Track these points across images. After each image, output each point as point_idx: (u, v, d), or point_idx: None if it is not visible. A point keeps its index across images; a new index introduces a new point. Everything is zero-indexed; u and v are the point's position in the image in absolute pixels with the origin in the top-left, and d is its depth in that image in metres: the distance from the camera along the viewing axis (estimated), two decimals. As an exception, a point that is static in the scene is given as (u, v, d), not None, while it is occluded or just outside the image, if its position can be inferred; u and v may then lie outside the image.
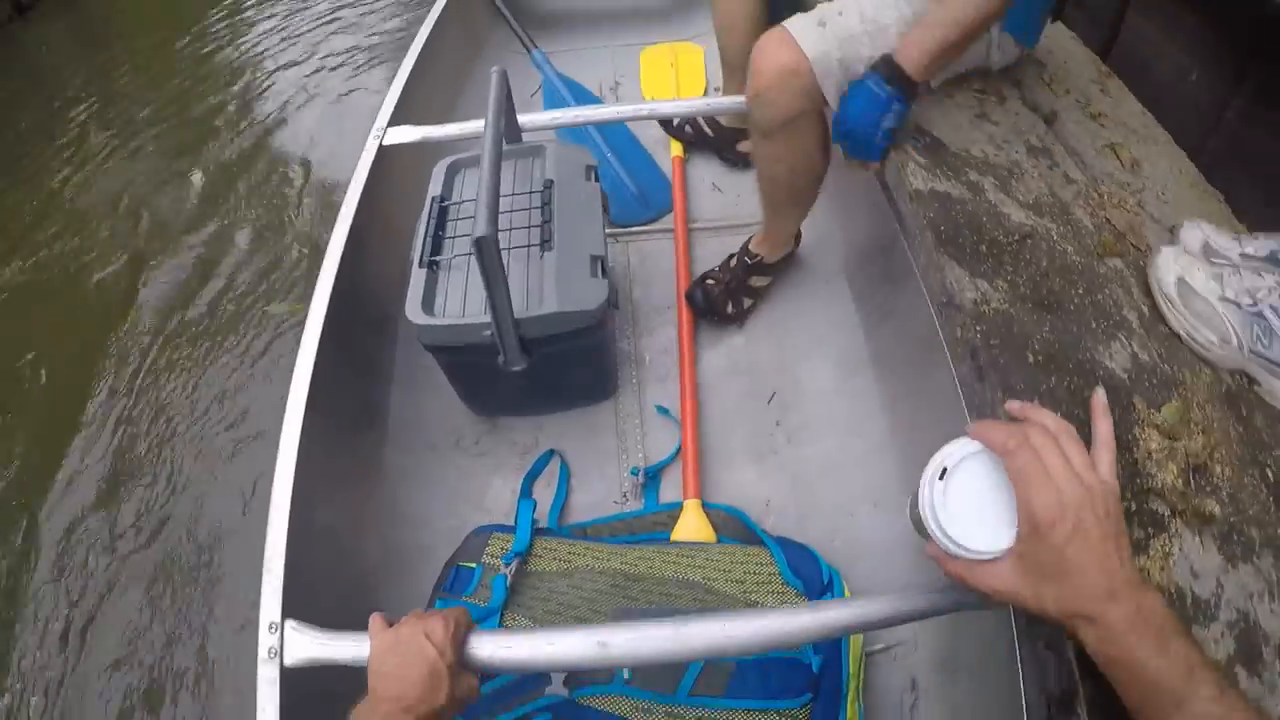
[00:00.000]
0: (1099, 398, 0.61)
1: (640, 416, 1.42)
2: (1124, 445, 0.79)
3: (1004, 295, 0.89)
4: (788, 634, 0.72)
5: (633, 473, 1.32)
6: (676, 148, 1.83)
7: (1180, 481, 0.77)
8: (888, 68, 1.02)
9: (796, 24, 1.14)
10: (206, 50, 3.57)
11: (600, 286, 1.17)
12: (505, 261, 1.15)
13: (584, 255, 1.20)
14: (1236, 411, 0.89)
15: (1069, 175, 1.12)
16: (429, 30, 1.90)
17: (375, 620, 0.70)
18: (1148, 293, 0.97)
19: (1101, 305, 0.92)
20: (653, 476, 1.31)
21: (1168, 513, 0.75)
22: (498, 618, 1.06)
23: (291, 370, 1.09)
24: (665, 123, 1.85)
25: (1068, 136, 1.22)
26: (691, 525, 1.21)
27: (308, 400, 1.05)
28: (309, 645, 0.78)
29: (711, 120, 1.80)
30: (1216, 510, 0.76)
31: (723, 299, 1.47)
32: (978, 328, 0.84)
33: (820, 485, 1.30)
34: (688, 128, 1.82)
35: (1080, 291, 0.93)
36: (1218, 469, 0.82)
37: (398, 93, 1.62)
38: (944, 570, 0.59)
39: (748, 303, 1.50)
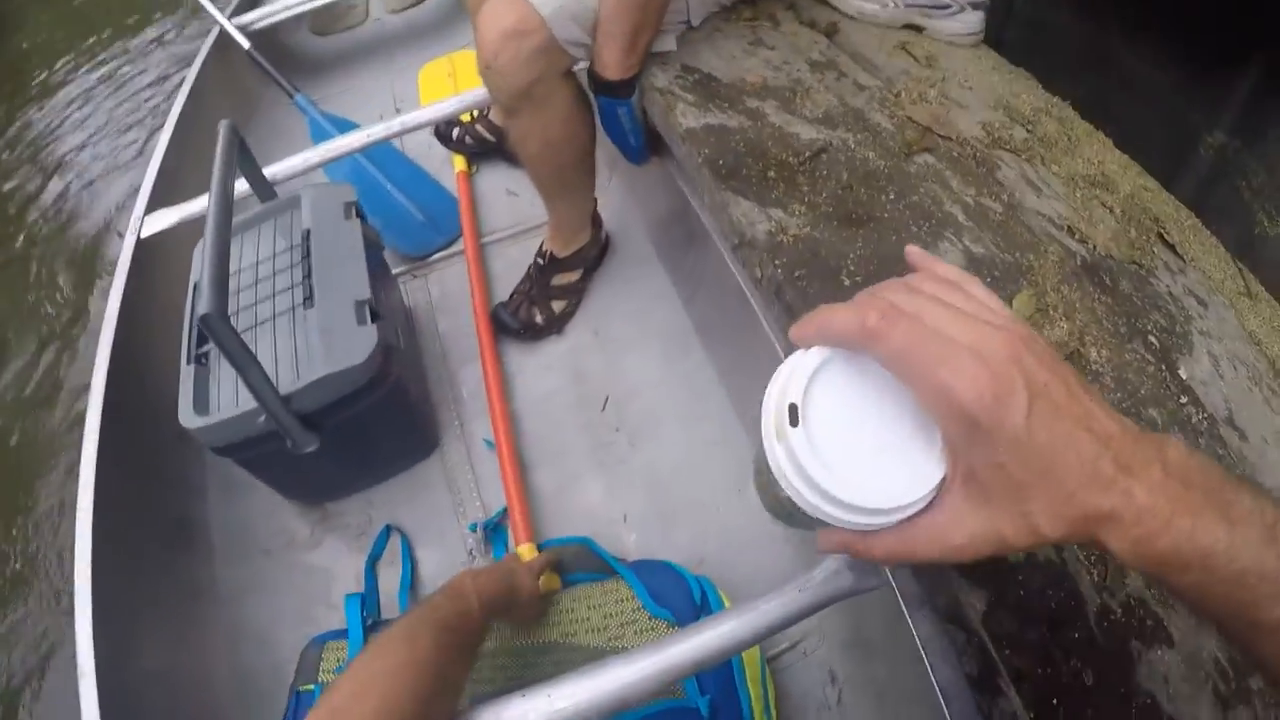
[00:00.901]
0: (913, 250, 0.40)
1: (470, 462, 1.23)
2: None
3: (803, 219, 0.73)
4: (659, 677, 0.53)
5: (470, 529, 1.13)
6: (460, 162, 1.66)
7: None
8: (593, 81, 0.98)
9: None
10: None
11: (368, 334, 0.97)
12: (271, 330, 1.00)
13: (348, 304, 1.00)
14: (1099, 283, 0.76)
15: (859, 82, 0.99)
16: (184, 99, 1.70)
17: None
18: (969, 182, 0.84)
19: (919, 205, 0.78)
20: (495, 528, 1.12)
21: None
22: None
23: (74, 500, 0.95)
24: (444, 138, 1.68)
25: (854, 45, 1.10)
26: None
27: (93, 530, 0.93)
28: None
29: (491, 125, 1.65)
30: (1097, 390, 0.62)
31: (528, 310, 1.31)
32: (776, 261, 0.68)
33: (675, 484, 1.14)
34: (467, 138, 1.66)
35: (891, 196, 0.78)
36: (1093, 352, 0.68)
37: (154, 174, 1.42)
38: (855, 557, 0.38)
39: (559, 306, 1.32)
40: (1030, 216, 0.81)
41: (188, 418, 0.95)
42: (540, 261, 1.31)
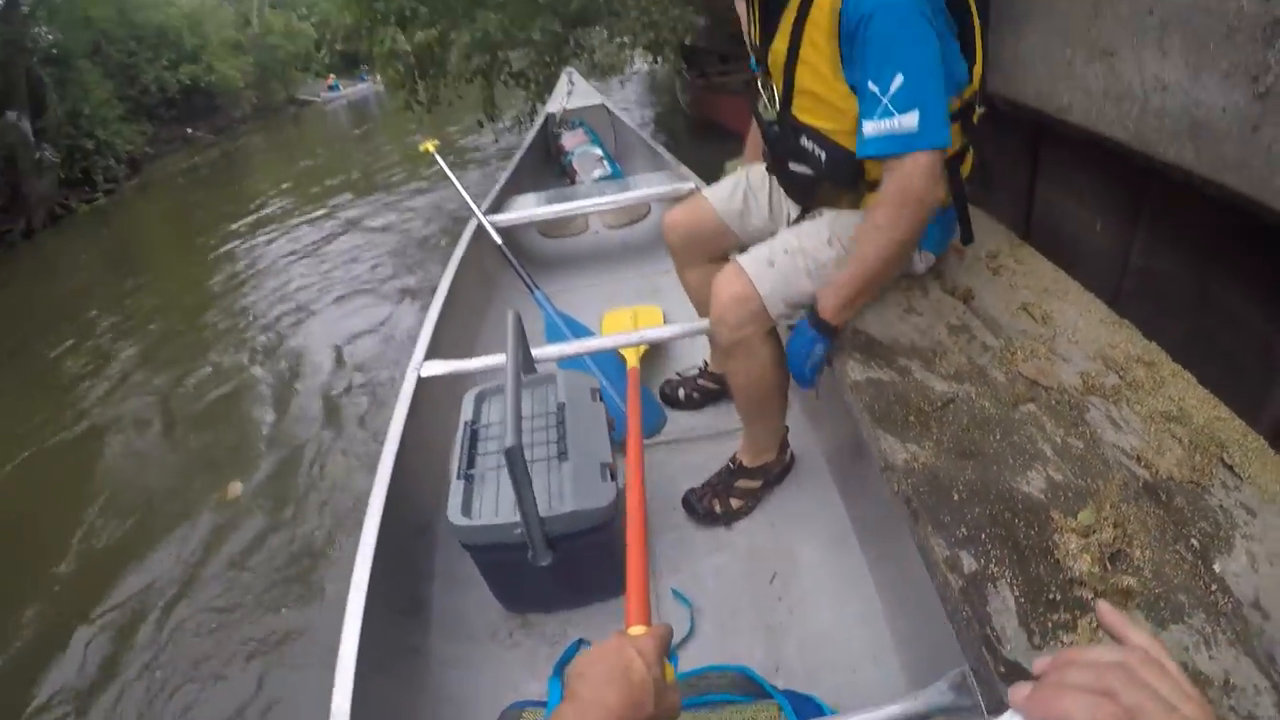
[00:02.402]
0: (1107, 615, 0.49)
1: (657, 603, 1.60)
2: (1046, 550, 0.99)
3: (930, 452, 1.14)
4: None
5: None
6: (632, 357, 2.08)
7: (1097, 568, 0.96)
8: (812, 316, 1.36)
9: (749, 262, 1.48)
10: (228, 281, 4.50)
11: (609, 488, 1.45)
12: (529, 470, 1.41)
13: (595, 463, 1.50)
14: (1155, 499, 1.08)
15: (985, 343, 1.40)
16: (451, 277, 2.37)
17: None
18: (1060, 424, 1.20)
19: (1018, 444, 1.16)
20: (670, 656, 1.49)
21: (1090, 595, 0.94)
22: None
23: (351, 572, 1.35)
24: (671, 400, 2.17)
25: (985, 308, 1.51)
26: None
27: (367, 597, 1.29)
28: None
29: (711, 376, 2.14)
30: (1134, 584, 0.95)
31: (710, 501, 1.75)
32: (909, 481, 1.09)
33: (823, 648, 1.46)
34: (694, 394, 2.15)
35: (997, 437, 1.17)
36: (1137, 552, 1.00)
37: (429, 332, 2.03)
38: None
39: (737, 504, 1.74)
40: (1106, 449, 1.16)
41: (455, 517, 1.40)
42: (730, 465, 1.77)
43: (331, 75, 23.46)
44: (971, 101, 1.42)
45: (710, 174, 2.45)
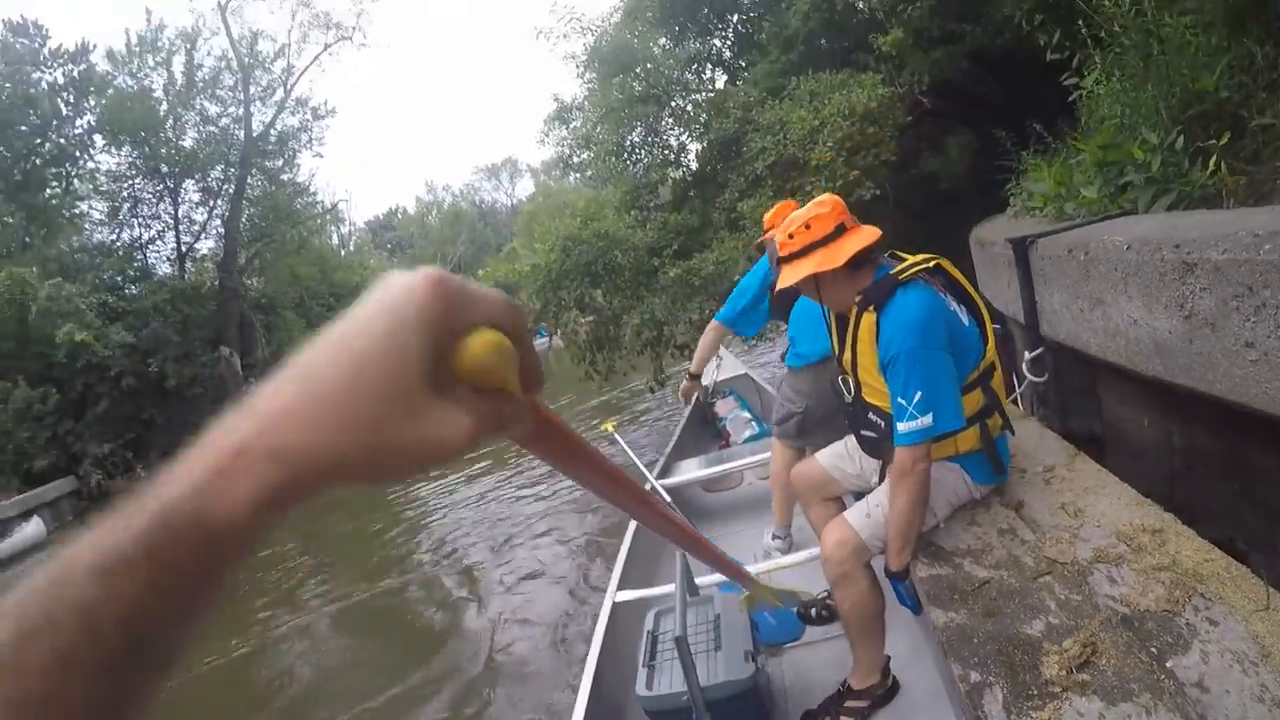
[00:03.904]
0: None
1: None
2: (1032, 667, 1.49)
3: (963, 616, 1.69)
4: None
5: None
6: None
7: (1064, 673, 1.45)
8: (887, 572, 1.94)
9: (852, 514, 2.13)
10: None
11: (750, 667, 2.04)
12: (692, 655, 2.01)
13: (740, 650, 2.11)
14: (1129, 625, 1.53)
15: (1023, 539, 1.93)
16: (633, 528, 3.16)
17: None
18: (1066, 586, 1.70)
19: (1029, 604, 1.68)
20: None
21: (1059, 689, 1.43)
22: None
23: None
24: (805, 618, 2.80)
25: (1032, 513, 2.04)
26: None
27: None
28: None
29: (830, 604, 2.70)
30: (1090, 680, 1.42)
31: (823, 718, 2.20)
32: (945, 635, 1.65)
33: None
34: (824, 613, 2.76)
35: (1015, 602, 1.70)
36: (1102, 661, 1.47)
37: (620, 568, 2.81)
38: None
39: None
40: (1099, 597, 1.63)
41: (641, 690, 2.04)
42: (841, 689, 2.24)
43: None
44: (988, 369, 2.06)
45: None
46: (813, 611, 2.82)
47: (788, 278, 1.99)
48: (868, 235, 1.96)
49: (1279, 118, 2.28)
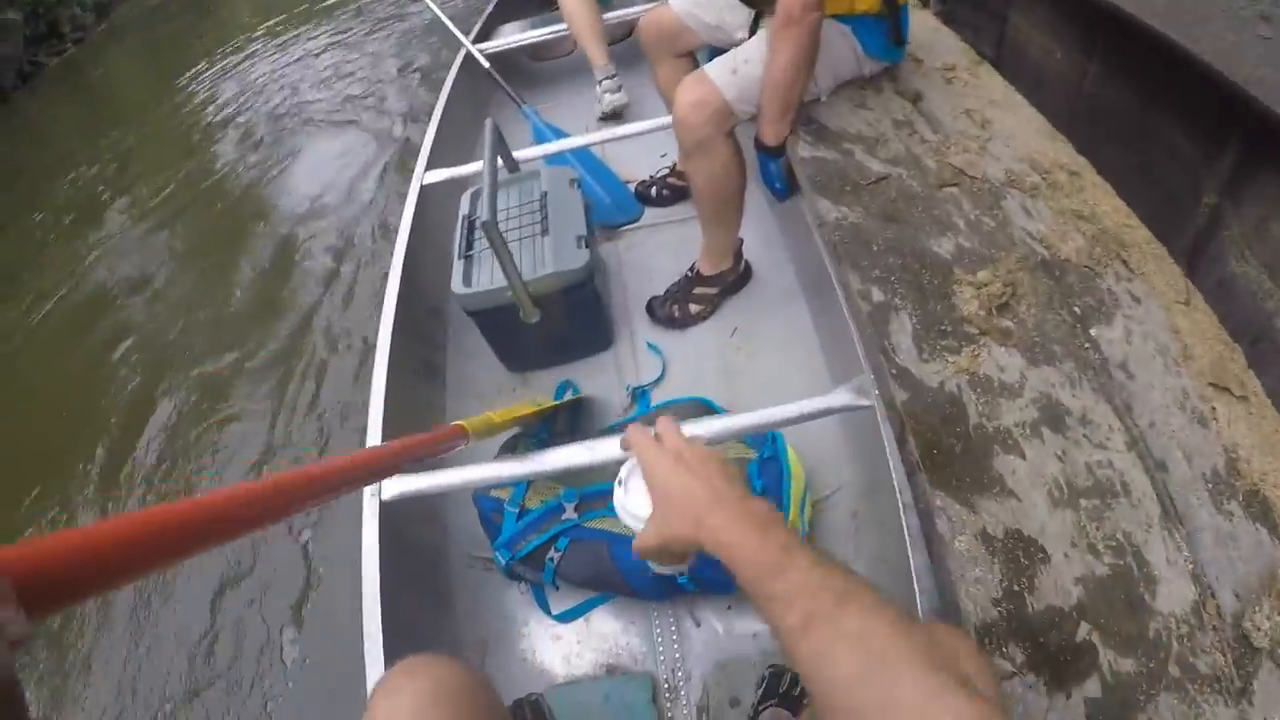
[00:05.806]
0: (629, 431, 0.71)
1: (634, 355, 1.82)
2: (944, 296, 1.09)
3: (858, 214, 1.22)
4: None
5: (626, 389, 1.71)
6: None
7: (984, 312, 1.08)
8: (756, 143, 1.47)
9: (713, 69, 1.51)
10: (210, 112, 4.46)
11: (584, 254, 1.58)
12: (518, 244, 1.65)
13: (571, 235, 1.62)
14: (1049, 273, 1.18)
15: (924, 136, 1.46)
16: (445, 98, 2.55)
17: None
18: (976, 205, 1.29)
19: (936, 216, 1.24)
20: (643, 393, 1.70)
21: (976, 331, 1.05)
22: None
23: (374, 347, 1.58)
24: (644, 198, 2.30)
25: (931, 110, 1.56)
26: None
27: (389, 363, 1.51)
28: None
29: (680, 174, 2.24)
30: (1014, 328, 1.06)
31: (670, 307, 1.85)
32: (836, 234, 1.17)
33: (770, 384, 1.67)
34: (664, 191, 2.27)
35: (919, 209, 1.25)
36: (1022, 308, 1.12)
37: (429, 144, 2.22)
38: (650, 544, 0.64)
39: (695, 309, 1.84)
40: (1014, 230, 1.25)
41: (458, 287, 1.58)
42: (689, 274, 1.85)
43: None
44: None
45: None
46: (653, 191, 2.32)
47: None
48: None
49: None
